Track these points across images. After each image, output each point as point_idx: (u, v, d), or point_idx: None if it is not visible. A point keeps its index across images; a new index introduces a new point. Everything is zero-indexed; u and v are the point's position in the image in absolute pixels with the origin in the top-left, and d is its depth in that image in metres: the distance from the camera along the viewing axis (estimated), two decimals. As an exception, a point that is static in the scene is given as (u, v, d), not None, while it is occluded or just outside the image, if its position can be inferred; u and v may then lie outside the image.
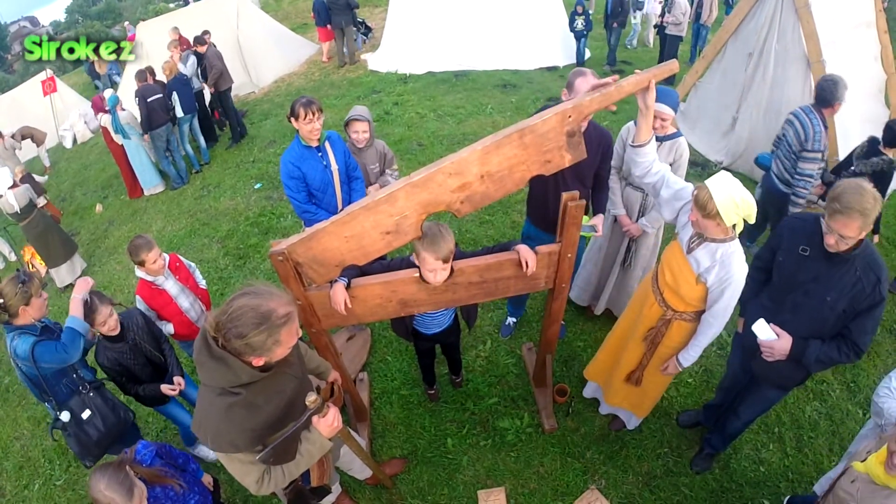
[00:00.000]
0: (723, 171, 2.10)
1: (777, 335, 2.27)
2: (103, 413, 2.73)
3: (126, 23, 23.66)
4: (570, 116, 1.97)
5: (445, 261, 2.15)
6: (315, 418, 1.79)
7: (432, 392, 3.58)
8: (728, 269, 2.18)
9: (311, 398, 1.75)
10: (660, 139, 2.97)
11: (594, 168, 2.92)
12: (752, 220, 2.06)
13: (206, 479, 2.46)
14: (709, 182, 2.07)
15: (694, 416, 3.35)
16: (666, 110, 2.86)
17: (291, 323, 1.55)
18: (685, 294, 2.36)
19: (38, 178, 6.44)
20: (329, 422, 1.81)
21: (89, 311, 2.53)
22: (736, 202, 2.00)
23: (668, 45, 8.86)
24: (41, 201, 6.00)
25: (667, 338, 2.54)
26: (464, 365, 3.71)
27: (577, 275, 3.86)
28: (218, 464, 3.38)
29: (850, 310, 2.12)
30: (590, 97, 1.97)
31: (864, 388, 3.54)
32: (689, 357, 2.50)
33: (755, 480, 3.10)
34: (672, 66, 2.08)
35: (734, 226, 2.11)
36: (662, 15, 8.97)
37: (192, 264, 3.54)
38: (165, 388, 2.87)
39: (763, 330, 2.28)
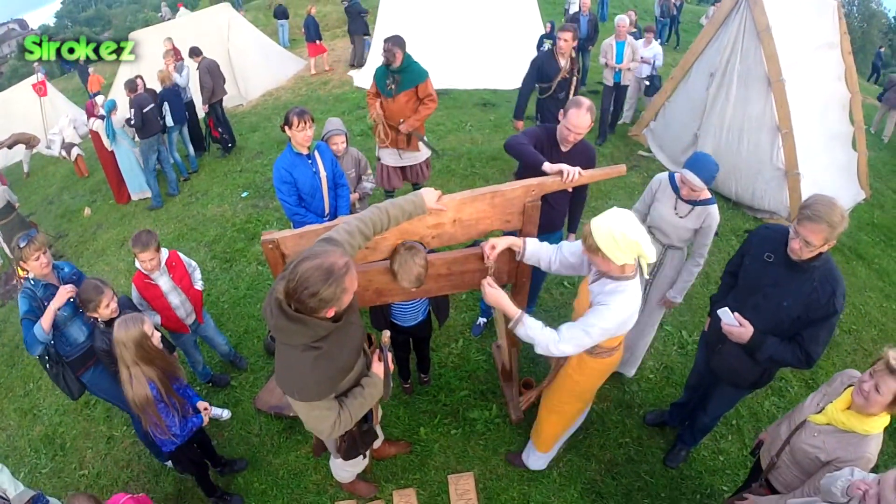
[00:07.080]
0: (616, 208, 2.05)
1: (740, 324, 2.37)
2: None
3: (164, 5, 23.20)
4: (533, 191, 2.45)
5: (416, 288, 2.47)
6: (374, 361, 2.12)
7: (407, 386, 3.80)
8: (605, 300, 2.11)
9: (387, 336, 2.00)
10: (692, 203, 2.91)
11: None
12: (647, 260, 1.99)
13: (202, 405, 2.86)
14: (595, 218, 2.04)
15: (660, 415, 3.52)
16: (695, 181, 2.74)
17: (351, 271, 1.73)
18: None
19: None
20: (381, 364, 2.14)
21: (94, 294, 2.74)
22: (615, 238, 1.93)
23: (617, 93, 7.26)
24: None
25: (567, 365, 2.57)
26: (437, 361, 3.95)
27: None
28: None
29: (804, 317, 2.24)
30: (552, 180, 2.51)
31: (822, 384, 3.81)
32: (523, 329, 2.26)
33: (714, 469, 3.31)
34: (620, 169, 2.51)
35: (635, 264, 2.08)
36: None
37: (193, 263, 3.70)
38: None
39: (727, 315, 2.41)
